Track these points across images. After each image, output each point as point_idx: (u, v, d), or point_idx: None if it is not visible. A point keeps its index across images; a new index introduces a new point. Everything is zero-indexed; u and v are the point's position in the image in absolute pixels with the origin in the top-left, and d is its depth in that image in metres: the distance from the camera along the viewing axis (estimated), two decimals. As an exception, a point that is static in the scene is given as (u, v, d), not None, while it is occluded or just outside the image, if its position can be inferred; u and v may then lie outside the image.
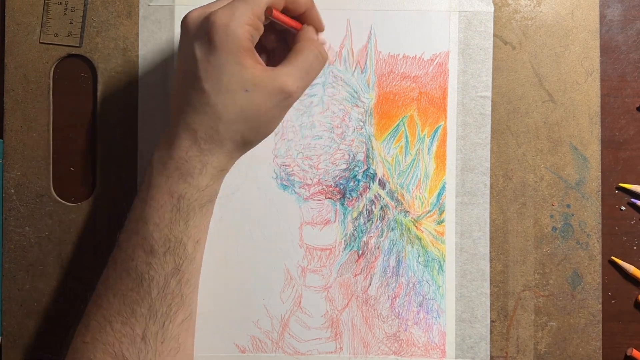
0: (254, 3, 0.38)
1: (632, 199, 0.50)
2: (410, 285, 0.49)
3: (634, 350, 0.49)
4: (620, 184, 0.50)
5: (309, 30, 0.42)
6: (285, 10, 0.41)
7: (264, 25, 0.40)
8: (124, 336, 0.38)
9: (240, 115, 0.38)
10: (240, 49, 0.37)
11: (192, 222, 0.39)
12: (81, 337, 0.40)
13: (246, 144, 0.40)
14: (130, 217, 0.40)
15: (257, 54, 0.39)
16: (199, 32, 0.38)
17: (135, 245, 0.39)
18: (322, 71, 0.49)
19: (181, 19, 0.40)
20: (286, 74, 0.39)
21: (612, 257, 0.50)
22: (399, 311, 0.49)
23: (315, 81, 0.49)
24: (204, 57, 0.38)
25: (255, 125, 0.39)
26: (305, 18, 0.42)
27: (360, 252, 0.49)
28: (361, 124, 0.49)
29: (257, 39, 0.40)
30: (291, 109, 0.49)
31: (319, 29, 0.43)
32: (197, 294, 0.42)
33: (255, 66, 0.38)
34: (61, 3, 0.49)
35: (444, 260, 0.49)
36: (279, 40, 0.44)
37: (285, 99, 0.39)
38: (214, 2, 0.40)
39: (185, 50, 0.39)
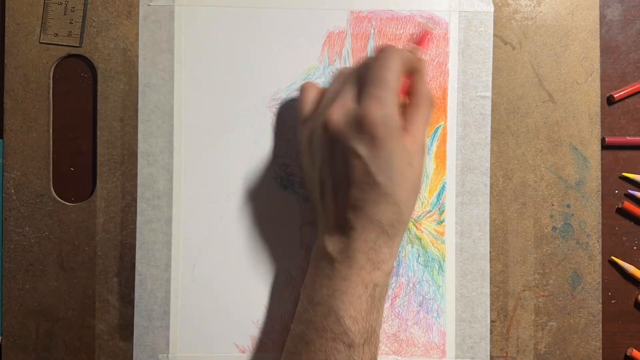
0: (392, 88, 0.39)
1: (630, 191, 0.50)
2: (410, 285, 0.49)
3: (634, 350, 0.49)
4: (624, 174, 0.50)
5: (419, 79, 0.43)
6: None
7: None
8: None
9: (412, 189, 0.40)
10: (399, 131, 0.39)
11: (382, 308, 0.40)
12: None
13: (414, 206, 0.42)
14: (314, 311, 0.40)
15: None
16: (358, 132, 0.39)
17: (333, 340, 0.38)
18: (322, 71, 0.49)
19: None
20: (419, 132, 0.41)
21: (612, 257, 0.50)
22: (399, 311, 0.49)
23: (316, 81, 0.49)
24: (370, 153, 0.38)
25: (418, 189, 0.41)
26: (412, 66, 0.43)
27: (360, 252, 0.49)
28: (361, 124, 0.49)
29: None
30: (291, 109, 0.49)
31: (421, 67, 0.44)
32: None
33: (406, 139, 0.40)
34: (61, 3, 0.49)
35: (444, 260, 0.49)
36: None
37: (425, 154, 0.42)
38: (341, 98, 0.41)
39: (340, 146, 0.40)
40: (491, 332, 0.49)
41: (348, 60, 0.49)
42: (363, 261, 0.39)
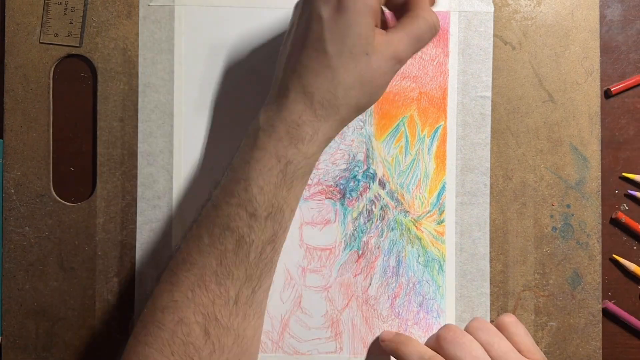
0: None
1: (630, 191, 0.50)
2: (410, 285, 0.49)
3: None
4: (624, 174, 0.50)
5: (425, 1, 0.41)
6: None
7: None
8: (217, 297, 0.37)
9: (358, 80, 0.38)
10: (370, 10, 0.37)
11: (293, 190, 0.39)
12: (169, 295, 0.38)
13: (359, 110, 0.40)
14: (229, 177, 0.39)
15: (380, 16, 0.39)
16: None
17: (237, 206, 0.38)
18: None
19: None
20: (399, 40, 0.38)
21: (614, 255, 0.50)
22: (399, 311, 0.49)
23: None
24: (330, 18, 0.37)
25: (369, 91, 0.39)
26: None
27: (360, 252, 0.49)
28: (361, 124, 0.49)
29: (382, 2, 0.39)
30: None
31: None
32: None
33: (377, 29, 0.38)
34: (61, 3, 0.49)
35: (444, 260, 0.49)
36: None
37: (396, 65, 0.39)
38: None
39: (308, 9, 0.38)
40: (491, 332, 0.49)
41: (348, 60, 0.49)
42: (282, 133, 0.38)
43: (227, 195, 0.39)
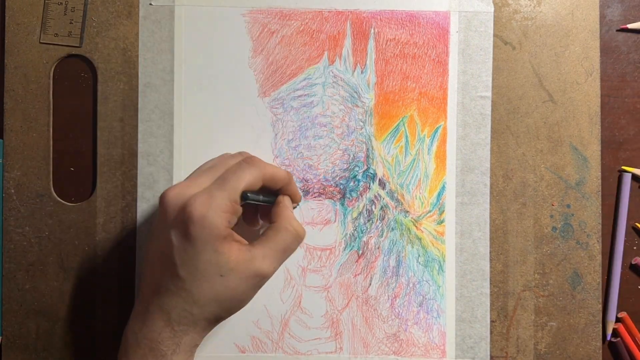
0: (230, 189, 0.38)
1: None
2: (410, 285, 0.49)
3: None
4: (623, 167, 0.50)
5: (285, 206, 0.42)
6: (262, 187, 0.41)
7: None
8: None
9: (215, 299, 0.38)
10: (217, 238, 0.37)
11: None
12: None
13: (217, 320, 0.40)
14: None
15: (234, 235, 0.39)
16: (176, 220, 0.38)
17: None
18: (322, 71, 0.49)
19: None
20: (262, 256, 0.39)
21: (636, 224, 0.50)
22: (399, 311, 0.49)
23: (316, 81, 0.49)
24: (180, 245, 0.38)
25: (228, 306, 0.39)
26: (283, 191, 0.43)
27: (360, 252, 0.49)
28: (361, 124, 0.49)
29: (235, 221, 0.40)
30: (291, 109, 0.49)
31: (295, 200, 0.44)
32: None
33: (231, 252, 0.38)
34: (61, 3, 0.49)
35: (444, 260, 0.49)
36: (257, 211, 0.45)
37: (260, 281, 0.40)
38: (193, 178, 0.40)
39: (161, 233, 0.39)
40: (491, 332, 0.49)
41: (348, 61, 0.49)
42: (146, 349, 0.38)
43: None
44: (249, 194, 0.39)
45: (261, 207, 0.44)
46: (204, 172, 0.40)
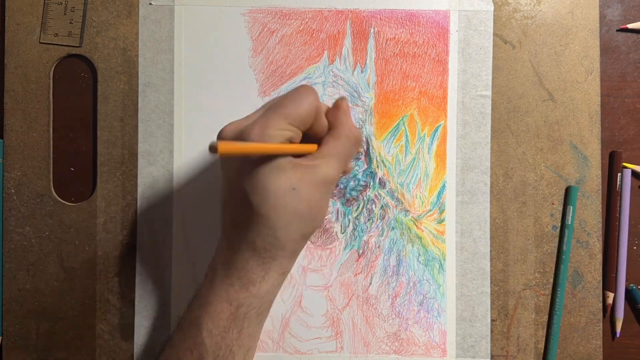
0: (286, 111, 0.38)
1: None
2: (411, 284, 0.49)
3: None
4: (624, 164, 0.50)
5: (343, 111, 0.41)
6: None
7: None
8: None
9: (294, 215, 0.38)
10: (281, 163, 0.37)
11: (245, 330, 0.39)
12: None
13: (305, 237, 0.40)
14: (186, 317, 0.40)
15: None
16: None
17: (187, 349, 0.39)
18: (322, 71, 0.49)
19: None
20: (326, 164, 0.39)
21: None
22: (400, 310, 0.49)
23: (316, 81, 0.49)
24: (245, 174, 0.37)
25: (309, 219, 0.39)
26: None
27: (361, 251, 0.49)
28: (361, 123, 0.49)
29: (298, 141, 0.39)
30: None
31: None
32: None
33: (295, 165, 0.38)
34: (61, 3, 0.49)
35: (444, 259, 0.49)
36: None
37: (329, 187, 0.39)
38: (247, 116, 0.40)
39: (227, 168, 0.39)
40: (492, 331, 0.49)
41: (348, 60, 0.49)
42: (233, 278, 0.38)
43: (180, 336, 0.40)
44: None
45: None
46: (259, 109, 0.40)
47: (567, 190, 0.49)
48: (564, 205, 0.49)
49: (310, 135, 0.40)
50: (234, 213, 0.39)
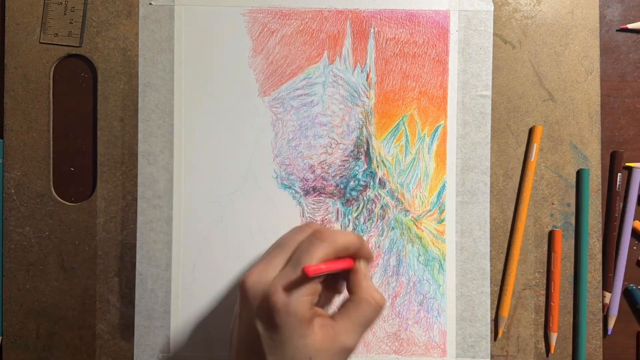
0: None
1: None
2: (411, 284, 0.49)
3: None
4: (627, 163, 0.50)
5: (363, 275, 0.41)
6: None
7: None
8: None
9: None
10: (302, 322, 0.37)
11: None
12: None
13: None
14: None
15: (316, 311, 0.39)
16: (260, 309, 0.38)
17: None
18: (322, 71, 0.49)
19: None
20: (346, 331, 0.38)
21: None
22: (400, 310, 0.49)
23: (316, 81, 0.49)
24: (266, 334, 0.37)
25: None
26: (356, 254, 0.41)
27: (361, 251, 0.49)
28: (361, 123, 0.49)
29: (317, 299, 0.39)
30: (291, 108, 0.49)
31: (368, 259, 0.42)
32: None
33: (316, 333, 0.37)
34: (61, 3, 0.49)
35: (444, 259, 0.49)
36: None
37: (346, 355, 0.39)
38: (267, 260, 0.39)
39: (245, 322, 0.39)
40: (492, 331, 0.49)
41: (348, 60, 0.49)
42: None
43: None
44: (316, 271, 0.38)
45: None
46: (277, 251, 0.40)
47: (579, 173, 0.49)
48: (576, 192, 0.49)
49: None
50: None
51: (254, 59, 0.49)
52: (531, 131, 0.49)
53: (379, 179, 0.49)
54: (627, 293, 0.50)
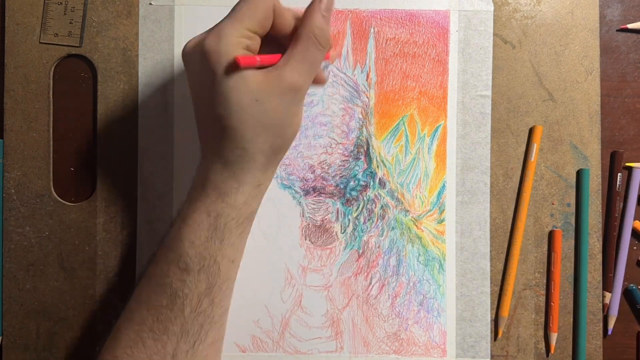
0: (239, 16, 0.37)
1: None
2: (411, 284, 0.49)
3: None
4: (627, 163, 0.50)
5: (312, 9, 0.39)
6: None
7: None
8: (155, 354, 0.38)
9: (260, 127, 0.37)
10: (237, 67, 0.37)
11: (227, 240, 0.39)
12: (111, 352, 0.39)
13: (276, 151, 0.39)
14: (168, 235, 0.40)
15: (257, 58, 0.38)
16: (198, 63, 0.38)
17: (170, 262, 0.39)
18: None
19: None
20: (290, 71, 0.37)
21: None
22: (400, 310, 0.49)
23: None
24: (209, 85, 0.37)
25: (278, 130, 0.38)
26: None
27: (361, 251, 0.49)
28: (361, 123, 0.49)
29: (257, 46, 0.39)
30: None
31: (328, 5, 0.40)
32: (228, 317, 0.42)
33: (256, 73, 0.37)
34: (61, 3, 0.49)
35: (444, 259, 0.49)
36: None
37: (296, 94, 0.38)
38: (207, 30, 0.39)
39: (192, 82, 0.39)
40: (492, 331, 0.49)
41: (348, 60, 0.49)
42: (209, 190, 0.38)
43: (164, 251, 0.40)
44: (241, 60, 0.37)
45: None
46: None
47: (579, 173, 0.49)
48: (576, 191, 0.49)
49: (280, 42, 0.40)
50: (204, 127, 0.39)
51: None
52: (531, 131, 0.49)
53: (379, 179, 0.49)
54: (627, 293, 0.50)
